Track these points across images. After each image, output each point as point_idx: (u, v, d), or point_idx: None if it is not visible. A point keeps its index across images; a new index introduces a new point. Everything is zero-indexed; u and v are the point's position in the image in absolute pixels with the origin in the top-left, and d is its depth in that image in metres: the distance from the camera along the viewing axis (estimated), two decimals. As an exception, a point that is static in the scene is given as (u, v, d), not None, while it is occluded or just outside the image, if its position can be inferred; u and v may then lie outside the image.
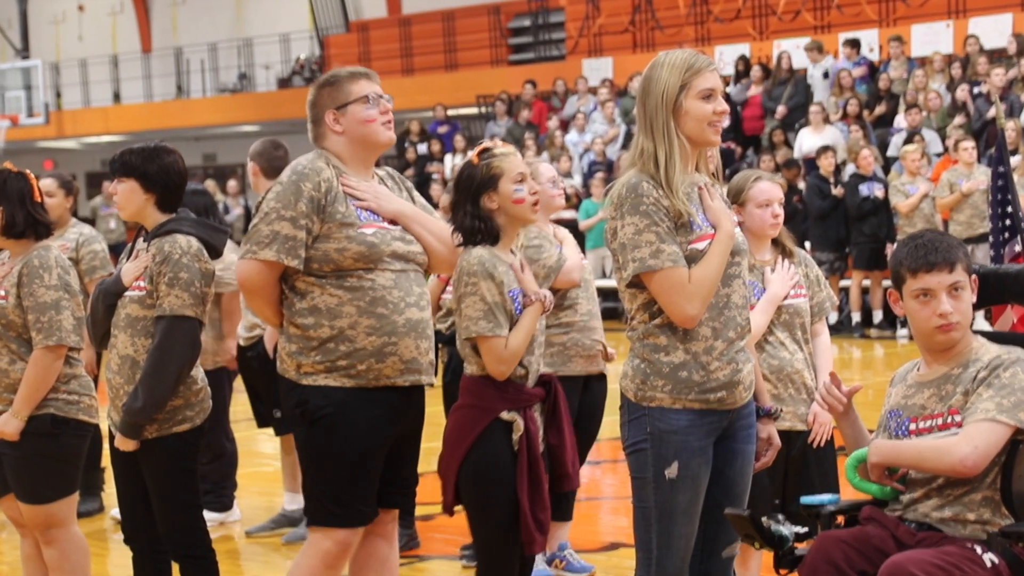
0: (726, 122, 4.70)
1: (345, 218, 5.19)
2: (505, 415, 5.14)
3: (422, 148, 25.00)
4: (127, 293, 5.63)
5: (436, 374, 5.45)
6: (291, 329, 5.26)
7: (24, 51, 36.86)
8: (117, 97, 35.74)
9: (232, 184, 27.33)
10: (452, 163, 23.76)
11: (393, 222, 5.29)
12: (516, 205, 5.23)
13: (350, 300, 5.18)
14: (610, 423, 11.44)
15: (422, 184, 23.79)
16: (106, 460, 7.81)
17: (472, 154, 5.33)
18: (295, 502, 8.48)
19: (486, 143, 5.35)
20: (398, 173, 5.59)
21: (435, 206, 7.17)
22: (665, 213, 4.55)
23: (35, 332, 5.87)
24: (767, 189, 5.93)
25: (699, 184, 4.68)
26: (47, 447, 5.92)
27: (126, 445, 5.59)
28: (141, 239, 5.75)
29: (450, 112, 26.04)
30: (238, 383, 8.86)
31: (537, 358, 5.24)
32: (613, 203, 4.63)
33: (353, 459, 5.21)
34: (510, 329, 5.14)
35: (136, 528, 5.79)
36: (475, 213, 5.21)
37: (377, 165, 5.48)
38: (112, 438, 5.71)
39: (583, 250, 8.49)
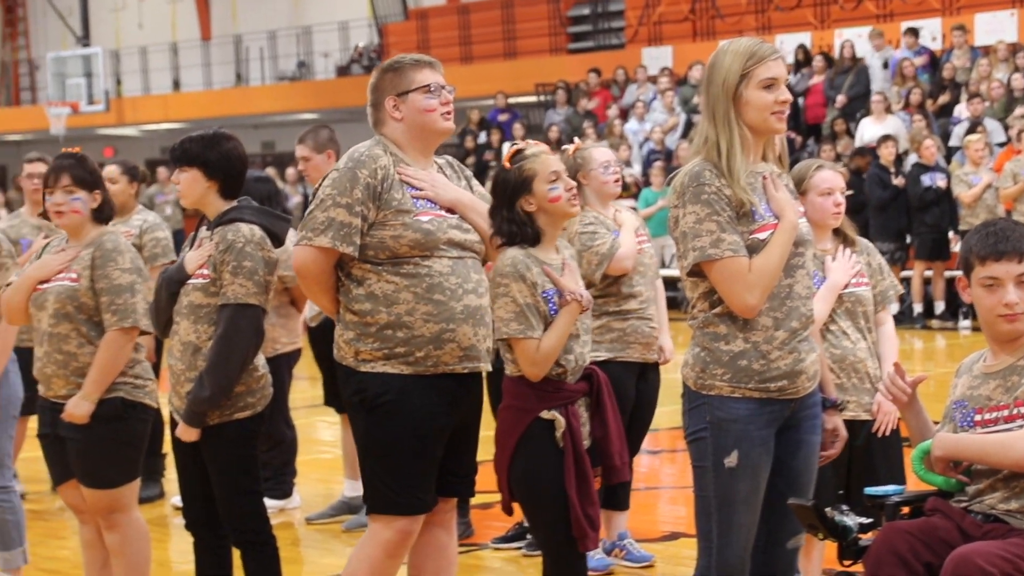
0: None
1: (401, 205, 5.18)
2: (545, 414, 5.12)
3: (481, 137, 25.00)
4: (190, 281, 5.65)
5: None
6: (348, 316, 5.26)
7: (85, 39, 37.09)
8: (176, 85, 35.94)
9: (291, 172, 27.39)
10: (511, 152, 23.74)
11: (450, 210, 5.28)
12: (553, 204, 5.19)
13: (407, 287, 5.17)
14: (669, 413, 11.44)
15: (480, 173, 23.80)
16: (167, 446, 7.87)
17: (504, 158, 5.30)
18: (355, 489, 8.49)
19: (517, 145, 5.31)
20: (457, 162, 5.58)
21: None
22: (727, 202, 4.52)
23: (109, 314, 5.90)
24: (829, 178, 5.90)
25: (763, 173, 4.65)
26: (115, 431, 5.95)
27: (189, 435, 5.61)
28: (204, 227, 5.77)
29: (510, 100, 26.02)
30: (298, 370, 8.89)
31: (579, 355, 5.20)
32: (675, 191, 4.61)
33: (412, 447, 5.20)
34: (545, 330, 5.11)
35: (197, 515, 5.82)
36: (511, 217, 5.19)
37: (437, 153, 5.47)
38: (174, 424, 5.74)
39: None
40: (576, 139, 7.54)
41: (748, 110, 4.57)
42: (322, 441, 11.33)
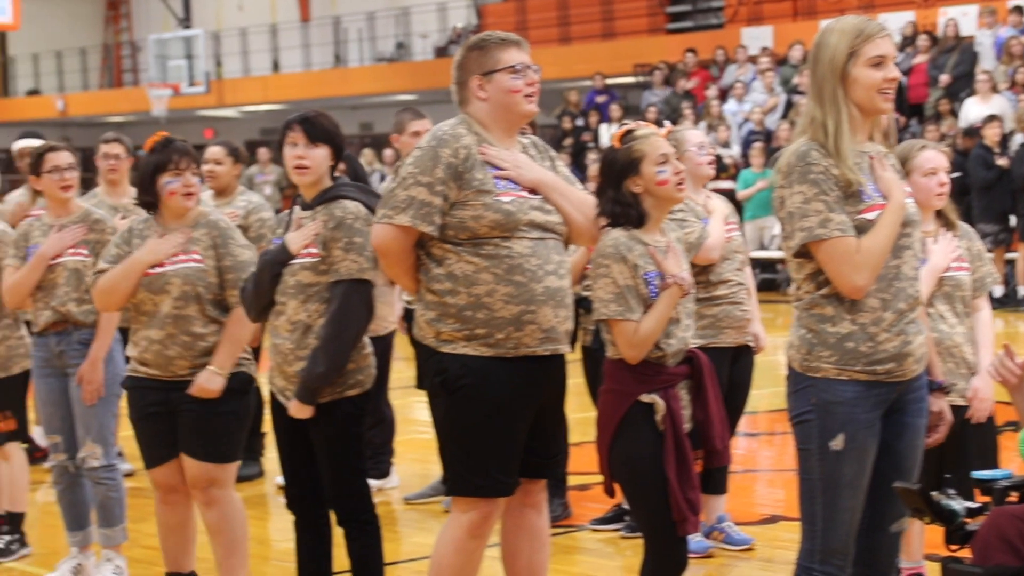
0: None
1: (482, 185, 5.14)
2: (645, 398, 5.08)
3: (579, 119, 24.95)
4: (296, 261, 5.63)
5: (575, 342, 5.38)
6: (428, 296, 5.23)
7: (186, 21, 37.46)
8: (276, 66, 36.17)
9: (388, 153, 27.50)
10: (608, 132, 23.68)
11: (533, 191, 5.23)
12: (660, 187, 5.14)
13: (487, 268, 5.14)
14: (767, 395, 11.37)
15: (578, 153, 23.74)
16: (266, 425, 7.92)
17: (613, 138, 5.25)
18: (453, 468, 8.50)
19: (628, 125, 5.26)
20: (542, 141, 5.53)
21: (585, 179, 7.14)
22: (835, 182, 4.47)
23: (238, 290, 5.98)
24: (933, 158, 5.84)
25: (870, 153, 4.59)
26: (239, 405, 6.07)
27: (303, 412, 5.60)
28: (298, 207, 5.77)
29: (607, 81, 25.94)
30: (394, 351, 8.90)
31: (679, 338, 5.14)
32: (781, 172, 4.55)
33: (492, 429, 5.18)
34: (645, 312, 5.07)
35: (300, 494, 5.83)
36: (617, 198, 5.14)
37: (526, 132, 5.43)
38: (276, 405, 5.76)
39: (741, 221, 8.41)
40: (667, 123, 7.50)
41: (855, 89, 4.50)
42: (419, 421, 11.35)
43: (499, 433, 5.18)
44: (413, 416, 11.49)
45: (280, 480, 8.56)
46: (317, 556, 5.87)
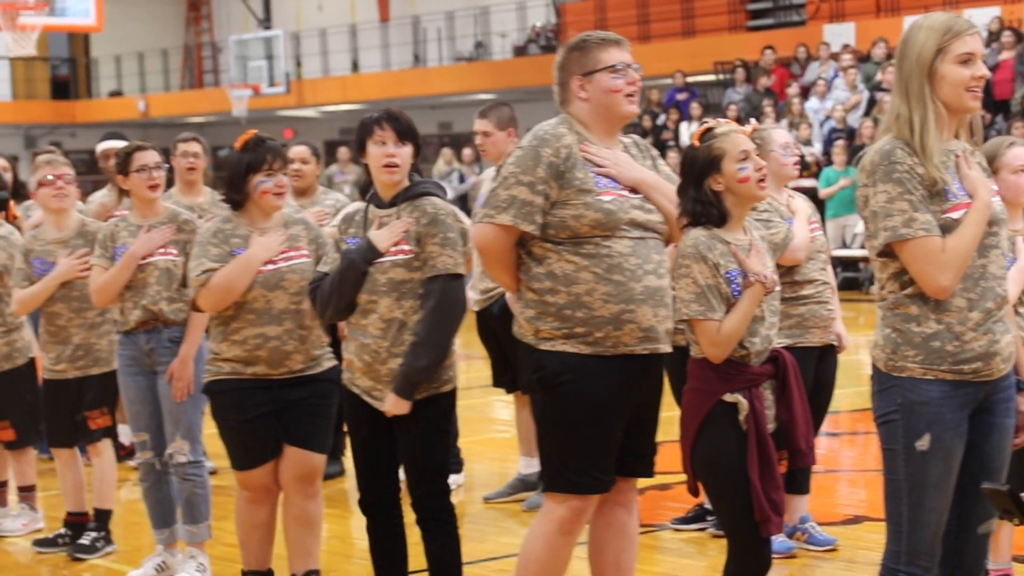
0: None
1: (583, 184, 5.16)
2: (728, 397, 5.06)
3: (660, 117, 24.89)
4: (385, 259, 5.64)
5: None
6: (528, 294, 5.27)
7: (266, 21, 37.72)
8: (355, 66, 36.33)
9: (467, 152, 27.58)
10: (688, 131, 23.60)
11: (634, 190, 5.24)
12: (742, 185, 5.11)
13: (587, 267, 5.16)
14: (850, 395, 11.30)
15: (658, 152, 23.67)
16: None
17: (693, 137, 5.23)
18: (530, 466, 8.52)
19: (708, 123, 5.24)
20: (644, 141, 5.54)
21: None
22: (919, 181, 4.43)
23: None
24: (1022, 155, 5.76)
25: (955, 152, 4.54)
26: (337, 396, 6.15)
27: (401, 407, 5.62)
28: (371, 206, 5.79)
29: (688, 79, 25.85)
30: (474, 349, 8.92)
31: (764, 337, 5.11)
32: (865, 170, 4.52)
33: (590, 426, 5.19)
34: (728, 311, 5.05)
35: (376, 497, 5.84)
36: (698, 197, 5.11)
37: (624, 132, 5.43)
38: (355, 406, 5.77)
39: (823, 219, 8.35)
40: (752, 120, 7.46)
41: (943, 86, 4.46)
42: (498, 420, 11.38)
43: (596, 430, 5.19)
44: (492, 415, 11.51)
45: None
46: (395, 559, 5.88)
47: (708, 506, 7.43)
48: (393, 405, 5.62)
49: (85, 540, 7.68)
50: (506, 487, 8.65)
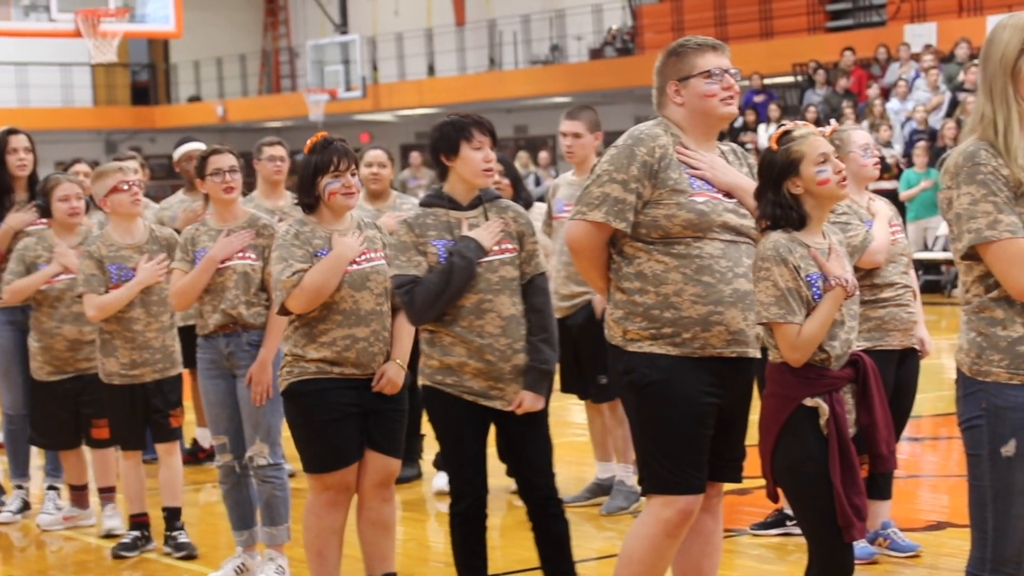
0: None
1: (677, 185, 5.17)
2: (808, 401, 5.01)
3: (737, 120, 24.76)
4: (493, 257, 5.81)
5: None
6: (617, 295, 5.28)
7: (343, 26, 37.91)
8: (431, 70, 36.45)
9: (543, 155, 27.60)
10: (766, 133, 23.48)
11: (728, 194, 5.25)
12: (821, 187, 5.07)
13: (676, 267, 5.17)
14: (931, 400, 11.18)
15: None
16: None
17: (771, 139, 5.20)
18: (606, 471, 8.50)
19: (785, 125, 5.21)
20: (740, 148, 5.56)
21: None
22: (1004, 182, 4.35)
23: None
24: None
25: (1042, 152, 4.47)
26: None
27: (538, 403, 5.84)
28: (447, 210, 5.86)
29: (765, 81, 25.72)
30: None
31: (843, 341, 5.06)
32: (948, 172, 4.45)
33: (682, 426, 5.19)
34: (808, 315, 5.00)
35: (479, 497, 5.90)
36: (778, 200, 5.07)
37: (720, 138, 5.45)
38: (461, 409, 5.82)
39: (904, 222, 8.28)
40: (833, 121, 7.40)
41: (1027, 85, 4.39)
42: (575, 424, 11.34)
43: (688, 430, 5.19)
44: (569, 419, 11.48)
45: (441, 486, 8.62)
46: (484, 561, 5.97)
47: (788, 511, 7.38)
48: (532, 401, 5.81)
49: (127, 539, 7.79)
50: (584, 491, 8.63)
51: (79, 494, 8.51)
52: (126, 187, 7.55)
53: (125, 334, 7.56)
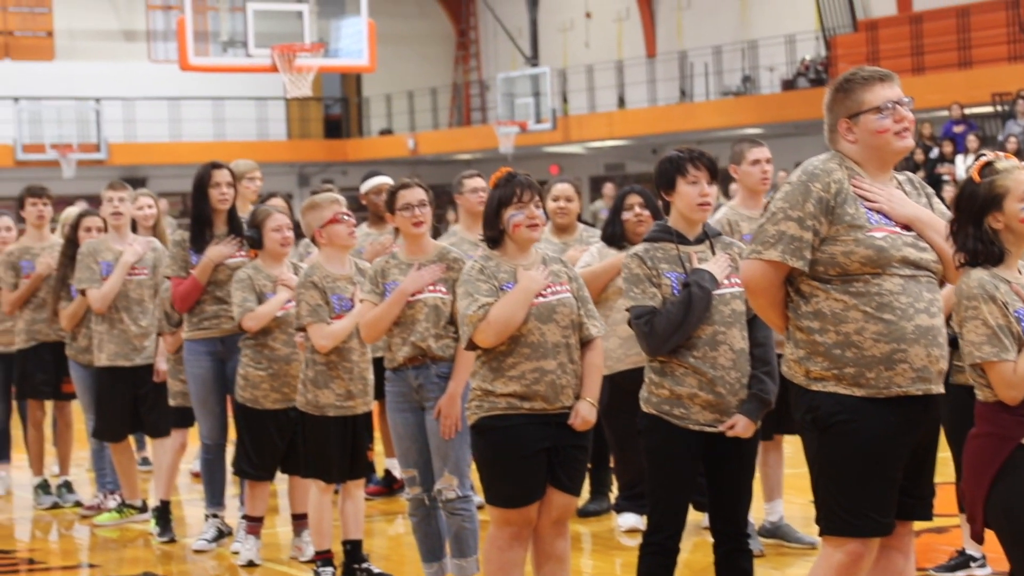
0: None
1: (854, 220, 5.05)
2: (1027, 441, 4.85)
3: (933, 151, 24.31)
4: (725, 290, 5.95)
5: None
6: (797, 334, 5.17)
7: (533, 59, 38.12)
8: (622, 102, 36.41)
9: (734, 187, 27.32)
10: (964, 164, 22.98)
11: (907, 228, 5.11)
12: (1023, 224, 4.91)
13: (856, 305, 5.05)
14: None
15: (932, 186, 23.09)
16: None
17: (972, 171, 5.02)
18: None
19: (987, 156, 5.04)
20: (918, 178, 5.41)
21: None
22: None
23: (597, 321, 6.30)
24: None
25: None
26: None
27: (750, 430, 5.96)
28: (672, 244, 6.01)
29: (965, 111, 25.19)
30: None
31: None
32: None
33: (867, 466, 5.06)
34: (1019, 351, 4.82)
35: (676, 525, 5.97)
36: (978, 235, 4.94)
37: (897, 168, 5.30)
38: (680, 442, 5.91)
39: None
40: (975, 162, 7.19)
41: None
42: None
43: (874, 472, 5.06)
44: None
45: (629, 522, 8.56)
46: None
47: (971, 552, 7.27)
48: (745, 427, 5.93)
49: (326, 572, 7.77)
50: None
51: (255, 525, 8.47)
52: (344, 218, 7.60)
53: (344, 364, 7.57)
